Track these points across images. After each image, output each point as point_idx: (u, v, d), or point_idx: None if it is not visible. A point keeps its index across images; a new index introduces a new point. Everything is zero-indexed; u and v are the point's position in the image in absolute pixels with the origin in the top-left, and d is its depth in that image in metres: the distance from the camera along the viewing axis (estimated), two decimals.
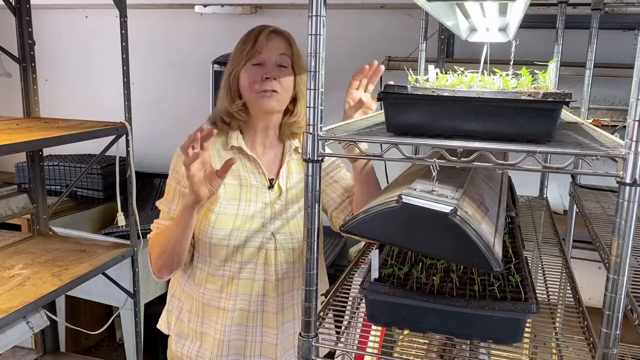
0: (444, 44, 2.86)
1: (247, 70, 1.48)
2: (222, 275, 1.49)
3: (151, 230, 1.56)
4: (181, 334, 1.58)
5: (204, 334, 1.53)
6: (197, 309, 1.54)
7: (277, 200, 1.53)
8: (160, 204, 1.56)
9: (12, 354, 2.95)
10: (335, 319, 1.30)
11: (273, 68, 1.48)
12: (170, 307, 1.63)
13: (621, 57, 2.71)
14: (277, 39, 1.50)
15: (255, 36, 1.49)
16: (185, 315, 1.57)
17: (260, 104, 1.48)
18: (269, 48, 1.48)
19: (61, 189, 3.26)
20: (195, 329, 1.54)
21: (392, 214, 1.04)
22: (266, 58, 1.48)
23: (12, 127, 2.15)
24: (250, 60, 1.48)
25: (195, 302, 1.54)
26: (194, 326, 1.54)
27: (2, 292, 1.90)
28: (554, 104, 0.99)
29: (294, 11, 3.34)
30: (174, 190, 1.52)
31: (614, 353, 0.94)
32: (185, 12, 3.58)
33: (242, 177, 1.51)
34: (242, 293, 1.49)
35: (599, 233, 1.55)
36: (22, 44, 2.41)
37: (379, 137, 1.08)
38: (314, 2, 0.98)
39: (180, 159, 1.41)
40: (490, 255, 1.00)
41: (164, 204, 1.55)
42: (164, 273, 1.52)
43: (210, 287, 1.51)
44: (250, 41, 1.48)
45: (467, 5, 1.38)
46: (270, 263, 1.50)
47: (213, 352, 1.51)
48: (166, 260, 1.48)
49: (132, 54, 2.43)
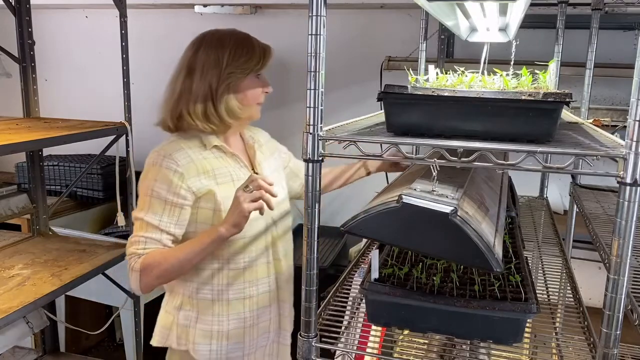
0: (444, 44, 2.85)
1: (251, 82, 1.54)
2: (243, 266, 1.55)
3: (133, 244, 1.46)
4: (204, 342, 1.54)
5: (234, 329, 1.56)
6: (220, 309, 1.54)
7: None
8: (145, 215, 1.46)
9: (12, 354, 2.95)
10: (335, 319, 1.30)
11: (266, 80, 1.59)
12: (182, 322, 1.56)
13: (621, 57, 2.71)
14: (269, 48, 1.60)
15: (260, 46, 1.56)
16: (206, 320, 1.54)
17: (256, 114, 1.60)
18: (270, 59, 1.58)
19: (61, 189, 3.26)
20: (221, 330, 1.55)
21: (392, 214, 1.04)
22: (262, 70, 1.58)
23: (12, 127, 2.15)
24: (260, 70, 1.56)
25: (218, 304, 1.54)
26: (219, 327, 1.54)
27: (2, 292, 1.90)
28: (554, 104, 0.99)
29: (294, 11, 3.34)
30: (164, 202, 1.46)
31: (614, 353, 0.94)
32: (185, 12, 3.57)
33: (232, 174, 1.55)
34: (262, 277, 1.59)
35: (599, 233, 1.55)
36: (22, 44, 2.41)
37: (379, 137, 1.08)
38: (314, 2, 0.98)
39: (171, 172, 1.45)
40: (491, 256, 1.00)
41: (149, 215, 1.45)
42: (153, 289, 1.50)
43: (232, 282, 1.55)
44: (258, 57, 1.54)
45: (467, 5, 1.38)
46: (276, 243, 1.62)
47: (246, 341, 1.58)
48: (167, 280, 1.52)
49: (132, 54, 2.43)
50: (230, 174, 1.54)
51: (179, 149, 1.49)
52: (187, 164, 1.47)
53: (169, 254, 1.45)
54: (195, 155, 1.50)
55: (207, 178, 1.49)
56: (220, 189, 1.49)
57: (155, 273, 1.44)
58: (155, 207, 1.46)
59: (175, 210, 1.47)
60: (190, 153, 1.50)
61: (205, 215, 1.50)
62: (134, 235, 1.48)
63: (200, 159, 1.51)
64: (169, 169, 1.46)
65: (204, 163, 1.50)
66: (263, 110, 1.64)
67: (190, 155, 1.50)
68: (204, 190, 1.48)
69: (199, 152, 1.52)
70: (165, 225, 1.46)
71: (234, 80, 1.51)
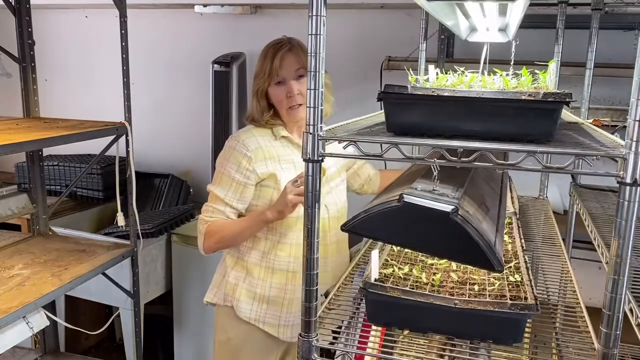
0: (444, 44, 2.85)
1: (273, 90, 1.74)
2: (291, 243, 1.75)
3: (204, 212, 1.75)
4: (247, 301, 1.77)
5: (274, 297, 1.76)
6: (264, 274, 1.76)
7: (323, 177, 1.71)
8: (215, 189, 1.74)
9: (12, 354, 2.95)
10: (336, 319, 1.30)
11: (292, 84, 1.72)
12: (232, 280, 1.79)
13: (621, 57, 2.70)
14: (290, 56, 1.72)
15: (272, 58, 1.71)
16: (253, 282, 1.76)
17: (292, 117, 1.77)
18: (285, 67, 1.71)
19: (61, 189, 3.25)
20: (263, 294, 1.76)
21: (393, 213, 1.04)
22: (285, 77, 1.72)
23: (12, 127, 2.15)
24: (273, 80, 1.72)
25: (263, 269, 1.76)
26: (262, 291, 1.76)
27: (2, 292, 1.90)
28: (554, 104, 0.99)
29: (294, 11, 3.34)
30: (232, 180, 1.72)
31: (614, 353, 0.94)
32: (185, 12, 3.57)
33: (296, 161, 1.76)
34: None
35: (599, 233, 1.55)
36: (22, 44, 2.41)
37: (379, 137, 1.08)
38: (314, 2, 0.98)
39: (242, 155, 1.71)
40: (492, 254, 1.00)
41: (218, 189, 1.73)
42: (214, 252, 1.79)
43: (280, 253, 1.75)
44: (268, 62, 1.72)
45: (467, 5, 1.38)
46: (326, 229, 1.79)
47: (283, 311, 1.77)
48: (225, 247, 1.80)
49: (132, 54, 2.43)
50: (294, 161, 1.77)
51: (250, 136, 1.75)
52: (255, 149, 1.72)
53: (228, 226, 1.72)
54: (264, 143, 1.75)
55: (272, 163, 1.73)
56: (283, 173, 1.72)
57: (214, 239, 1.73)
58: (223, 183, 1.73)
59: (239, 188, 1.72)
60: (260, 140, 1.75)
61: (267, 193, 1.74)
62: (206, 204, 1.77)
63: (268, 146, 1.75)
64: (239, 152, 1.72)
65: (271, 150, 1.75)
66: None
67: (260, 142, 1.74)
68: (268, 173, 1.72)
69: (268, 141, 1.77)
70: (230, 199, 1.73)
71: (261, 91, 1.75)
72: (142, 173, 3.38)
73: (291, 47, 1.73)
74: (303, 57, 1.72)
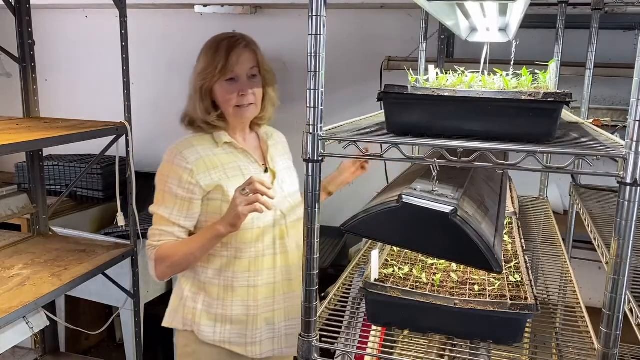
0: (444, 44, 2.85)
1: (223, 87, 1.59)
2: (249, 257, 1.61)
3: (151, 236, 1.60)
4: (208, 324, 1.63)
5: (238, 316, 1.62)
6: (223, 294, 1.62)
7: (274, 181, 1.68)
8: (158, 209, 1.59)
9: (12, 354, 2.95)
10: (335, 319, 1.30)
11: (246, 83, 1.60)
12: (189, 304, 1.66)
13: (621, 57, 2.71)
14: (247, 52, 1.60)
15: (227, 53, 1.57)
16: (212, 304, 1.63)
17: (240, 117, 1.63)
18: (241, 64, 1.59)
19: (61, 189, 3.25)
20: (224, 314, 1.62)
21: (392, 213, 1.04)
22: (239, 74, 1.59)
23: (12, 127, 2.15)
24: (225, 76, 1.58)
25: (221, 288, 1.62)
26: (223, 311, 1.62)
27: (2, 292, 1.90)
28: (554, 104, 0.99)
29: (294, 11, 3.34)
30: (175, 197, 1.57)
31: (614, 353, 0.94)
32: (185, 12, 3.57)
33: (242, 168, 1.63)
34: (268, 268, 1.63)
35: (599, 233, 1.55)
36: (22, 44, 2.41)
37: (379, 137, 1.08)
38: (314, 2, 0.98)
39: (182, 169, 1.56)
40: (491, 256, 1.00)
41: (162, 209, 1.58)
42: (169, 277, 1.66)
43: (237, 269, 1.61)
44: (222, 57, 1.57)
45: (467, 5, 1.38)
46: (285, 237, 1.66)
47: (248, 329, 1.63)
48: (179, 270, 1.65)
49: (132, 54, 2.42)
50: (240, 168, 1.63)
51: (188, 147, 1.60)
52: (196, 161, 1.57)
53: (178, 248, 1.58)
54: (205, 152, 1.60)
55: (217, 173, 1.59)
56: (230, 182, 1.58)
57: (166, 264, 1.58)
58: (167, 202, 1.59)
59: (185, 204, 1.58)
60: (200, 150, 1.60)
61: (214, 206, 1.59)
62: (152, 228, 1.61)
63: (210, 155, 1.61)
64: (179, 166, 1.57)
65: (213, 159, 1.60)
66: None
67: (200, 152, 1.59)
68: (213, 185, 1.57)
69: (209, 149, 1.62)
70: (176, 218, 1.58)
71: (206, 87, 1.60)
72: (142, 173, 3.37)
73: (247, 44, 1.62)
74: (257, 56, 1.63)
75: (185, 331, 1.66)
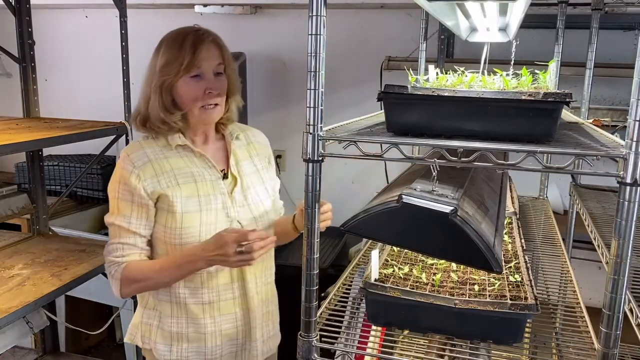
0: (444, 44, 2.86)
1: (187, 84, 1.44)
2: (201, 274, 1.47)
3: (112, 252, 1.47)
4: (164, 342, 1.53)
5: (193, 333, 1.51)
6: (178, 311, 1.51)
7: (235, 189, 1.53)
8: (115, 219, 1.46)
9: (12, 354, 2.95)
10: (335, 319, 1.30)
11: (212, 80, 1.46)
12: (145, 320, 1.57)
13: (621, 57, 2.71)
14: (214, 47, 1.47)
15: (193, 47, 1.43)
16: (166, 322, 1.53)
17: (205, 118, 1.48)
18: (207, 59, 1.45)
19: (61, 189, 3.26)
20: (179, 332, 1.52)
21: (392, 213, 1.04)
22: (205, 71, 1.45)
23: (12, 127, 2.15)
24: (189, 73, 1.43)
25: (175, 305, 1.51)
26: (179, 329, 1.52)
27: (2, 292, 1.90)
28: (554, 104, 0.99)
29: (294, 11, 3.34)
30: (131, 203, 1.45)
31: (614, 353, 0.94)
32: (185, 12, 3.57)
33: (195, 174, 1.48)
34: (224, 283, 1.51)
35: (599, 233, 1.55)
36: (22, 44, 2.41)
37: (379, 137, 1.08)
38: (314, 2, 0.98)
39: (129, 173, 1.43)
40: (491, 256, 1.00)
41: (119, 219, 1.45)
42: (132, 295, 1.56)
43: (189, 285, 1.49)
44: (187, 52, 1.43)
45: (467, 5, 1.38)
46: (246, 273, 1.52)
47: (208, 346, 1.52)
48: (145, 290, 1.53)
49: (132, 54, 2.42)
50: (193, 174, 1.48)
51: (138, 150, 1.47)
52: (143, 165, 1.44)
53: (148, 275, 1.45)
54: (155, 156, 1.46)
55: (165, 179, 1.45)
56: (180, 190, 1.45)
57: (133, 287, 1.47)
58: (123, 209, 1.46)
59: (142, 210, 1.45)
60: (150, 154, 1.46)
61: (160, 216, 1.46)
62: (111, 242, 1.48)
63: (160, 158, 1.47)
64: (126, 170, 1.44)
65: (163, 163, 1.46)
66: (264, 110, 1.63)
67: (149, 156, 1.46)
68: (157, 193, 1.44)
69: (161, 152, 1.48)
70: (136, 227, 1.45)
71: (168, 83, 1.45)
72: None
73: (214, 39, 1.48)
74: (223, 52, 1.49)
75: (145, 349, 1.58)
